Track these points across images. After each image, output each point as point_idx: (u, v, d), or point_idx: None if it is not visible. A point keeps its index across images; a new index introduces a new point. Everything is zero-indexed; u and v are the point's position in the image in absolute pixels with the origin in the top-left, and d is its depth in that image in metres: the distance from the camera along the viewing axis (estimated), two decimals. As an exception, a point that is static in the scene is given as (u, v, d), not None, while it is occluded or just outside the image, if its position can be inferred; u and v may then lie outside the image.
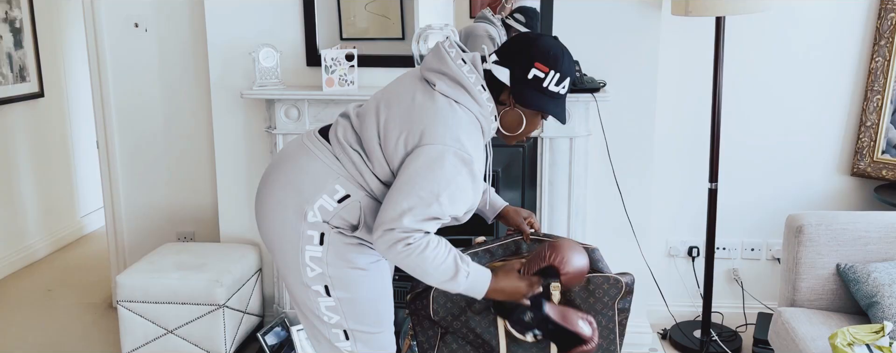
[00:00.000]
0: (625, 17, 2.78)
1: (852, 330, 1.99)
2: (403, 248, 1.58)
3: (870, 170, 2.96)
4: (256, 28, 2.89)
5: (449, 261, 1.61)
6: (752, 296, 3.19)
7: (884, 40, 2.86)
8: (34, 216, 4.15)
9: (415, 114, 1.63)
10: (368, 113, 1.71)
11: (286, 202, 1.73)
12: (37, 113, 4.15)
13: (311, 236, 1.70)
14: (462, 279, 1.63)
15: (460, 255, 1.65)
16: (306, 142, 1.77)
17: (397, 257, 1.59)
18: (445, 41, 1.72)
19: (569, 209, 2.84)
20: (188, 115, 3.21)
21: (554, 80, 1.67)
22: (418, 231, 1.58)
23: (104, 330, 3.22)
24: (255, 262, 3.00)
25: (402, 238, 1.57)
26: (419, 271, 1.62)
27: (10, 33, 3.87)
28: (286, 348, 2.83)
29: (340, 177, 1.69)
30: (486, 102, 1.68)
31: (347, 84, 2.78)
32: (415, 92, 1.68)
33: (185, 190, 3.29)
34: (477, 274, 1.66)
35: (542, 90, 1.68)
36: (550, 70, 1.66)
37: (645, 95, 2.84)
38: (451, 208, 1.60)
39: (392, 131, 1.64)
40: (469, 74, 1.66)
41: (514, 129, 1.74)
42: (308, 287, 1.75)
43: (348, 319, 1.77)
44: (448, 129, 1.60)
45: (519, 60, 1.67)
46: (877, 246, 2.31)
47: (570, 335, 1.73)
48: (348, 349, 1.80)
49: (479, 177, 1.64)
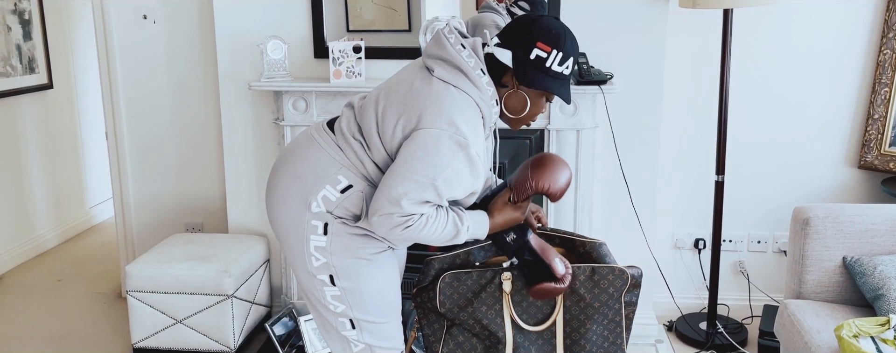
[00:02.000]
0: (632, 9, 2.78)
1: (858, 322, 1.99)
2: (403, 231, 1.62)
3: (877, 163, 2.95)
4: (264, 20, 2.90)
5: (449, 226, 1.67)
6: (758, 288, 3.19)
7: (892, 33, 2.85)
8: (43, 207, 4.18)
9: (411, 99, 1.64)
10: (369, 102, 1.72)
11: (291, 193, 1.74)
12: (46, 104, 4.18)
13: (315, 226, 1.72)
14: (464, 235, 1.69)
15: (457, 213, 1.69)
16: (313, 133, 1.79)
17: (399, 237, 1.64)
18: (445, 27, 1.71)
19: (575, 201, 2.84)
20: (196, 106, 3.22)
21: (556, 59, 1.66)
22: (415, 214, 1.61)
23: (113, 320, 3.24)
24: (264, 252, 3.02)
25: (401, 222, 1.61)
26: (423, 241, 1.68)
27: (19, 25, 3.89)
28: (294, 338, 2.85)
29: (343, 167, 1.71)
30: (486, 87, 1.67)
31: (355, 76, 2.78)
32: (414, 79, 1.68)
33: (194, 181, 3.30)
34: (476, 225, 1.72)
35: (546, 70, 1.66)
36: (553, 49, 1.65)
37: (652, 88, 2.83)
38: (447, 192, 1.62)
39: (389, 118, 1.65)
40: (468, 58, 1.66)
41: (519, 111, 1.73)
42: (314, 276, 1.76)
43: (354, 308, 1.78)
44: (443, 113, 1.60)
45: (521, 41, 1.66)
46: (883, 239, 2.31)
47: (544, 270, 1.77)
48: (355, 338, 1.81)
49: (477, 161, 1.63)
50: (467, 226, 1.69)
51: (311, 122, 2.84)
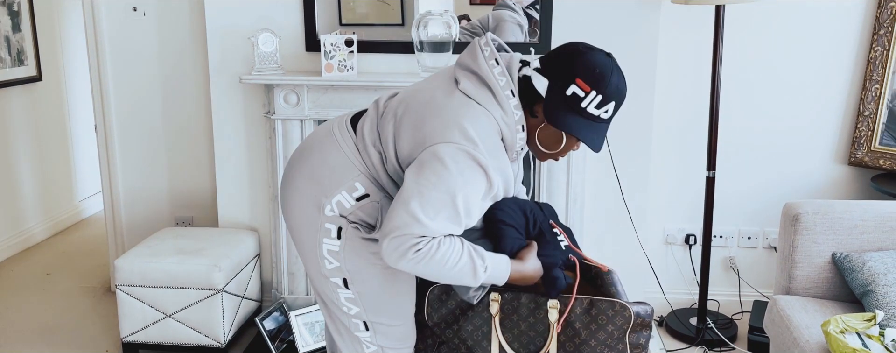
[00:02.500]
0: (625, 4, 2.77)
1: (845, 318, 2.00)
2: (414, 255, 1.48)
3: (867, 159, 2.96)
4: (255, 13, 2.88)
5: (464, 259, 1.52)
6: (748, 284, 3.20)
7: (883, 30, 2.86)
8: (32, 200, 4.15)
9: (429, 112, 1.54)
10: (390, 109, 1.62)
11: (306, 192, 1.68)
12: (35, 97, 4.15)
13: (328, 229, 1.66)
14: (481, 275, 1.54)
15: (474, 247, 1.55)
16: (335, 130, 1.69)
17: (408, 264, 1.49)
18: (483, 39, 1.60)
19: (567, 196, 2.85)
20: (187, 99, 3.20)
21: (594, 101, 1.52)
22: (426, 237, 1.48)
23: (102, 314, 3.23)
24: (254, 247, 3.01)
25: (413, 244, 1.47)
26: (434, 275, 1.53)
27: (8, 16, 3.86)
28: (284, 333, 2.85)
29: (361, 175, 1.63)
30: (513, 110, 1.54)
31: (347, 70, 2.77)
32: (436, 90, 1.58)
33: (184, 175, 3.29)
34: (495, 267, 1.57)
35: (579, 110, 1.52)
36: (592, 90, 1.51)
37: (644, 83, 2.83)
38: (465, 211, 1.50)
39: (405, 130, 1.56)
40: (500, 76, 1.55)
41: (552, 147, 1.61)
42: (327, 279, 1.71)
43: (368, 311, 1.73)
44: (458, 127, 1.49)
45: (560, 72, 1.53)
46: (872, 235, 2.32)
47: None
48: (368, 340, 1.77)
49: (495, 182, 1.52)
50: (485, 267, 1.53)
51: (303, 116, 2.83)
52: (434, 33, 2.66)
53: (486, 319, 1.74)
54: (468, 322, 1.74)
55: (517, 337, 1.73)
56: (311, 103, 2.83)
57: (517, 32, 2.81)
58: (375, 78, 2.76)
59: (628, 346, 1.70)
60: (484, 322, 1.74)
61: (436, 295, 1.77)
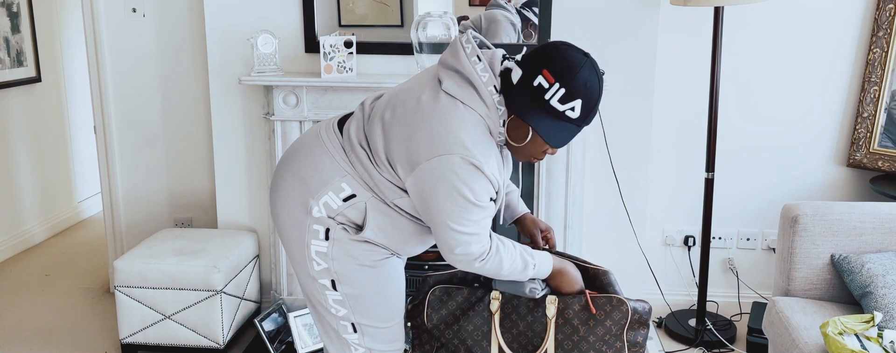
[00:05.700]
0: (624, 5, 2.78)
1: (843, 320, 2.00)
2: (480, 264, 1.62)
3: (866, 161, 2.97)
4: (255, 14, 2.88)
5: (518, 261, 1.66)
6: (747, 285, 3.21)
7: (882, 31, 2.86)
8: (31, 201, 4.15)
9: (419, 122, 1.55)
10: (377, 111, 1.64)
11: (293, 194, 1.69)
12: (34, 98, 4.15)
13: (316, 230, 1.67)
14: (530, 270, 1.69)
15: (525, 249, 1.69)
16: (322, 132, 1.71)
17: (477, 270, 1.65)
18: (463, 37, 1.60)
19: (566, 197, 2.85)
20: (186, 100, 3.20)
21: (558, 94, 1.50)
22: (478, 237, 1.59)
23: (101, 315, 3.23)
24: (253, 248, 3.01)
25: (478, 256, 1.60)
26: (494, 274, 1.67)
27: (7, 17, 3.86)
28: (283, 334, 2.85)
29: (348, 176, 1.64)
30: (496, 105, 1.55)
31: (346, 71, 2.78)
32: (422, 93, 1.59)
33: (183, 176, 3.29)
34: (541, 262, 1.72)
35: (542, 102, 1.52)
36: (556, 82, 1.50)
37: (643, 85, 2.84)
38: (485, 202, 1.57)
39: (395, 136, 1.57)
40: (482, 72, 1.55)
41: (519, 140, 1.60)
42: (315, 280, 1.72)
43: (356, 313, 1.74)
44: (453, 138, 1.51)
45: (531, 63, 1.54)
46: (871, 237, 2.32)
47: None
48: (356, 342, 1.77)
49: (493, 179, 1.56)
50: (534, 264, 1.69)
51: (302, 117, 2.83)
52: (433, 35, 2.67)
53: (486, 318, 1.76)
54: (468, 322, 1.77)
55: (516, 337, 1.75)
56: (310, 104, 2.83)
57: (511, 32, 2.81)
58: (375, 79, 2.76)
59: (626, 344, 1.72)
60: (484, 322, 1.76)
61: (436, 296, 1.78)
